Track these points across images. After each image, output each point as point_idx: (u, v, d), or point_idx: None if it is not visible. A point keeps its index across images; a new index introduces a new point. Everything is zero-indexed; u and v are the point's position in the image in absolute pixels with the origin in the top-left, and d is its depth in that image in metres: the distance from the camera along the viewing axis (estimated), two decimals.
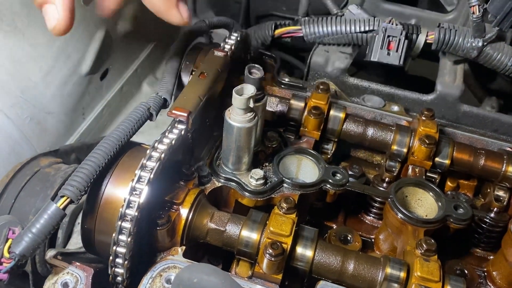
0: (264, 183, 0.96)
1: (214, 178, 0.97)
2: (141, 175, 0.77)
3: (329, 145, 1.18)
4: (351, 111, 1.21)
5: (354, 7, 1.27)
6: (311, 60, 1.30)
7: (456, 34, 1.19)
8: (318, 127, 1.12)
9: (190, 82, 0.94)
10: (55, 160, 1.21)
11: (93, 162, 0.78)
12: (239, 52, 1.17)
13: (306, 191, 0.99)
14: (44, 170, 1.15)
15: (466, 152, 1.12)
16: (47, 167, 1.17)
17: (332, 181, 0.99)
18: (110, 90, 1.57)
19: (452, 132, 1.21)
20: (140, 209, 0.75)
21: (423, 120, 1.11)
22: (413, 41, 1.20)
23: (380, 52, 1.13)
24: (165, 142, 0.83)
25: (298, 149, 1.07)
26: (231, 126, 0.89)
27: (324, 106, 1.13)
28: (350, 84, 1.29)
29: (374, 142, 1.15)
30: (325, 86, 1.17)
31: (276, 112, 1.19)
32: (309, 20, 1.28)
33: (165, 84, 1.02)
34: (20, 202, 1.08)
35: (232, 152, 0.94)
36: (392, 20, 1.15)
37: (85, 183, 0.76)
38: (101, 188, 0.82)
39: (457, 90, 1.24)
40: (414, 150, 1.09)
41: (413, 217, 0.95)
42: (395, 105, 1.25)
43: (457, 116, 1.26)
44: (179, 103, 0.87)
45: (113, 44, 1.51)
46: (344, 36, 1.25)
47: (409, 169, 1.10)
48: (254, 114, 0.89)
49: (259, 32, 1.36)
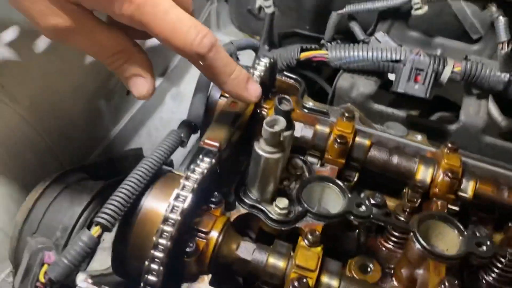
0: (288, 213, 0.98)
1: (239, 204, 0.99)
2: (174, 204, 0.79)
3: (353, 172, 1.19)
4: (376, 139, 1.22)
5: (381, 34, 1.28)
6: (336, 85, 1.31)
7: (482, 68, 1.19)
8: (342, 155, 1.14)
9: (221, 111, 0.95)
10: (82, 176, 1.24)
11: (127, 190, 0.80)
12: (266, 78, 1.18)
13: (330, 222, 1.00)
14: (72, 186, 1.18)
15: (489, 186, 1.12)
16: (74, 184, 1.20)
17: (356, 212, 1.00)
18: (135, 104, 1.60)
19: (476, 164, 1.21)
20: (173, 239, 0.77)
21: (447, 153, 1.12)
22: (439, 73, 1.21)
23: (407, 84, 1.14)
24: (197, 171, 0.85)
25: (322, 177, 1.08)
26: (259, 156, 0.91)
27: (349, 135, 1.14)
28: (374, 111, 1.30)
29: (398, 172, 1.16)
30: (350, 114, 1.18)
31: (301, 137, 1.20)
32: (335, 45, 1.29)
33: (195, 108, 1.04)
34: (48, 218, 1.11)
35: (258, 180, 0.96)
36: (420, 52, 1.16)
37: (119, 211, 0.78)
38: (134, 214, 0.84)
39: (481, 121, 1.24)
40: (437, 183, 1.10)
41: (435, 253, 0.96)
42: (418, 134, 1.26)
43: (480, 147, 1.27)
44: (211, 133, 0.89)
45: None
46: (371, 63, 1.26)
47: (432, 202, 1.11)
48: (282, 146, 0.91)
49: (284, 54, 1.38)
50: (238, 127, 0.96)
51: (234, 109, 0.97)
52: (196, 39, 0.72)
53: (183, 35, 0.71)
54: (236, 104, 0.98)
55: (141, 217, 0.83)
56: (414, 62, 1.14)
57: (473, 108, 1.24)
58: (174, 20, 0.70)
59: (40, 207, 1.11)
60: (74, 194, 1.16)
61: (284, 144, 0.92)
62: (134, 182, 0.82)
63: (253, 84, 0.88)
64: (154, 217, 0.82)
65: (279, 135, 0.88)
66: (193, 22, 0.73)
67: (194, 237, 0.86)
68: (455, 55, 1.29)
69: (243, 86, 0.85)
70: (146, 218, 0.83)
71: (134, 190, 0.81)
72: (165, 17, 0.69)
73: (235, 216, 0.98)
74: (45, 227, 1.10)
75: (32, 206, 1.11)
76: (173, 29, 0.70)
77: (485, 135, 1.25)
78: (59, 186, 1.16)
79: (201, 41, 0.72)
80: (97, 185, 1.22)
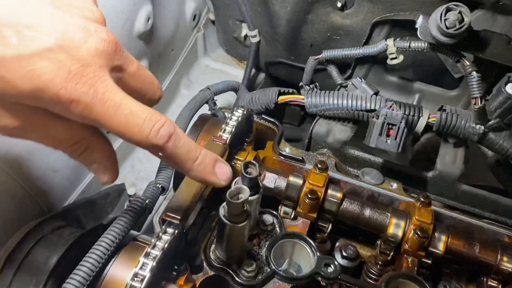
0: (255, 275, 0.99)
1: (207, 266, 1.00)
2: (132, 285, 0.80)
3: (326, 222, 1.20)
4: (350, 187, 1.22)
5: (358, 80, 1.28)
6: (312, 131, 1.31)
7: (458, 119, 1.19)
8: (314, 209, 1.14)
9: (187, 177, 0.96)
10: (58, 225, 1.25)
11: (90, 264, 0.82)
12: (242, 128, 1.19)
13: (297, 283, 1.01)
14: (47, 237, 1.20)
15: (460, 241, 1.12)
16: (50, 234, 1.21)
17: (324, 274, 1.01)
18: (117, 139, 1.60)
19: (449, 215, 1.21)
20: None
21: (419, 207, 1.12)
22: (414, 123, 1.20)
23: (379, 139, 1.14)
24: (159, 245, 0.86)
25: (293, 234, 1.09)
26: (224, 224, 0.91)
27: (321, 189, 1.14)
28: (350, 156, 1.30)
29: (370, 225, 1.16)
30: (323, 165, 1.18)
31: (274, 188, 1.20)
32: (312, 92, 1.29)
33: (164, 170, 1.04)
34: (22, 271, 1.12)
35: (224, 245, 0.96)
36: (393, 106, 1.16)
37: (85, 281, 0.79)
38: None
39: (457, 170, 1.24)
40: (408, 239, 1.10)
41: None
42: (394, 182, 1.25)
43: (456, 194, 1.27)
44: (174, 204, 0.90)
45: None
46: (345, 111, 1.26)
47: (402, 259, 1.11)
48: (247, 213, 0.91)
49: (263, 97, 1.38)
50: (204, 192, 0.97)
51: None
52: (152, 131, 0.69)
53: (137, 128, 0.68)
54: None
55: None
56: (387, 116, 1.13)
57: (449, 157, 1.24)
58: (126, 114, 0.67)
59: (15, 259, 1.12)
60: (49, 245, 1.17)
61: (249, 211, 0.92)
62: (94, 258, 0.83)
63: (222, 167, 0.85)
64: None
65: (243, 205, 0.89)
66: (148, 112, 0.69)
67: None
68: (433, 100, 1.29)
69: (209, 170, 0.83)
70: None
71: (95, 265, 0.82)
72: (117, 112, 0.66)
73: (202, 278, 0.99)
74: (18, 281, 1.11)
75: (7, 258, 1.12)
76: (126, 124, 0.67)
77: (461, 184, 1.25)
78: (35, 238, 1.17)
79: (158, 132, 0.70)
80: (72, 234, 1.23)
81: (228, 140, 1.07)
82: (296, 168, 1.25)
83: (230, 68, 2.09)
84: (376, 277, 1.16)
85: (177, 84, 1.93)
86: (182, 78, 1.95)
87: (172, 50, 1.80)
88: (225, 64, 2.10)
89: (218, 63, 2.09)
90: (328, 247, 1.22)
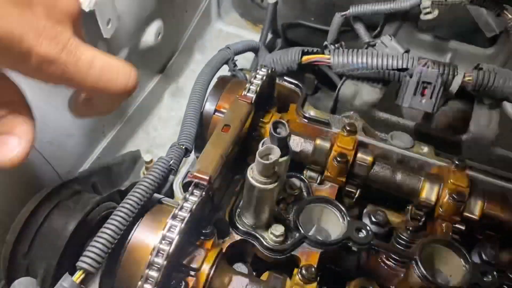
0: (284, 240, 0.94)
1: (233, 230, 0.95)
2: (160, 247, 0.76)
3: (354, 188, 1.14)
4: (379, 152, 1.16)
5: (387, 38, 1.20)
6: (339, 93, 1.24)
7: (496, 77, 1.11)
8: (343, 173, 1.08)
9: (213, 138, 0.90)
10: (75, 190, 1.20)
11: (112, 230, 0.77)
12: (265, 89, 1.12)
13: (328, 249, 0.96)
14: (64, 202, 1.15)
15: (497, 206, 1.07)
16: (67, 199, 1.17)
17: (356, 239, 0.96)
18: (131, 105, 1.54)
19: (484, 180, 1.15)
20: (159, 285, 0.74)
21: (453, 171, 1.06)
22: (449, 82, 1.13)
23: (413, 98, 1.07)
24: (186, 207, 0.81)
25: (321, 199, 1.03)
26: (253, 186, 0.86)
27: (351, 152, 1.08)
28: (379, 119, 1.23)
29: (401, 190, 1.10)
30: (352, 128, 1.12)
31: (300, 152, 1.14)
32: (338, 51, 1.22)
33: (186, 130, 0.99)
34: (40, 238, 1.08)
35: (252, 209, 0.91)
36: (428, 63, 1.08)
37: (103, 254, 0.75)
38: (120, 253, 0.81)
39: (492, 133, 1.17)
40: (442, 204, 1.04)
41: (437, 284, 0.92)
42: (425, 146, 1.19)
43: (489, 158, 1.20)
44: (201, 164, 0.84)
45: (135, 59, 1.48)
46: (375, 71, 1.18)
47: (436, 223, 1.06)
48: (277, 175, 0.86)
49: (285, 58, 1.31)
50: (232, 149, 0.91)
51: (226, 134, 0.91)
52: (130, 80, 0.64)
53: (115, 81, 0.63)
54: (228, 128, 0.92)
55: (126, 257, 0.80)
56: (421, 74, 1.06)
57: (484, 119, 1.17)
58: (100, 67, 0.62)
59: (32, 227, 1.08)
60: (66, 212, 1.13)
61: (279, 173, 0.87)
62: (118, 220, 0.78)
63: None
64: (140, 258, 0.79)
65: (273, 166, 0.83)
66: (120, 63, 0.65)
67: (183, 275, 0.82)
68: (467, 59, 1.21)
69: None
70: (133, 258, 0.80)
71: (118, 230, 0.78)
72: (90, 69, 0.60)
73: (229, 243, 0.94)
74: (37, 247, 1.07)
75: (23, 225, 1.08)
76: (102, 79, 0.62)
77: (496, 147, 1.18)
78: (51, 204, 1.12)
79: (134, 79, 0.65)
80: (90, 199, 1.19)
81: (254, 99, 1.01)
82: (322, 131, 1.19)
83: (245, 32, 2.01)
84: (406, 244, 1.11)
85: (190, 48, 1.86)
86: (195, 42, 1.88)
87: (186, 11, 1.72)
88: (239, 28, 2.02)
89: (232, 27, 2.01)
90: (355, 212, 1.17)
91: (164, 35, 1.53)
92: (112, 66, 0.64)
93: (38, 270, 1.04)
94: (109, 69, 0.63)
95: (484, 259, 1.05)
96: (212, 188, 0.85)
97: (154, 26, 1.48)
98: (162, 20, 1.52)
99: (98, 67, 0.62)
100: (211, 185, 0.84)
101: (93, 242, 0.76)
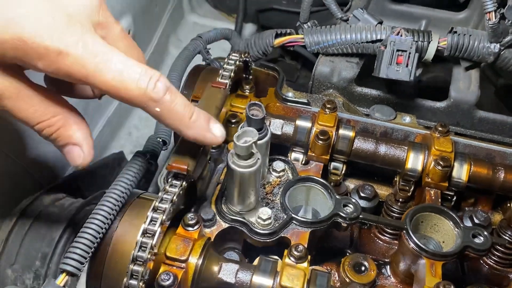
0: (272, 223, 0.93)
1: (220, 219, 0.94)
2: (143, 241, 0.74)
3: (340, 164, 1.13)
4: (361, 126, 1.15)
5: (360, 11, 1.19)
6: (315, 71, 1.23)
7: (470, 39, 1.10)
8: (326, 151, 1.07)
9: None
10: (57, 197, 1.18)
11: (92, 229, 0.75)
12: (239, 73, 1.10)
13: (317, 227, 0.95)
14: (48, 209, 1.13)
15: (484, 168, 1.06)
16: (50, 206, 1.15)
17: (344, 214, 0.95)
18: (110, 106, 1.52)
19: (468, 144, 1.14)
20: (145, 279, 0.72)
21: (437, 137, 1.05)
22: (424, 49, 1.12)
23: (389, 68, 1.06)
24: (166, 198, 0.79)
25: (306, 178, 1.02)
26: (233, 171, 0.84)
27: (332, 129, 1.07)
28: (358, 94, 1.22)
29: (386, 162, 1.09)
30: (332, 105, 1.10)
31: (282, 134, 1.13)
32: (311, 28, 1.20)
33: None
34: (26, 247, 1.07)
35: (236, 194, 0.90)
36: (401, 31, 1.07)
37: (85, 254, 0.73)
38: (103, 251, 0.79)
39: (473, 96, 1.17)
40: (429, 172, 1.04)
41: (430, 251, 0.91)
42: (406, 116, 1.18)
43: (472, 122, 1.20)
44: (178, 155, 0.83)
45: None
46: (350, 45, 1.17)
47: (425, 191, 1.05)
48: (257, 157, 0.84)
49: (259, 41, 1.29)
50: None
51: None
52: (149, 85, 0.63)
53: (134, 83, 0.62)
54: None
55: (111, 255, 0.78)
56: (395, 43, 1.05)
57: (463, 83, 1.16)
58: (120, 68, 0.61)
59: (16, 237, 1.06)
60: (50, 218, 1.11)
61: (259, 156, 0.85)
62: (98, 219, 0.76)
63: (216, 123, 0.77)
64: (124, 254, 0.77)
65: (252, 148, 0.82)
66: (142, 66, 0.63)
67: (171, 266, 0.81)
68: (441, 25, 1.20)
69: (206, 127, 0.75)
70: (117, 255, 0.78)
71: (99, 228, 0.76)
72: (110, 67, 0.60)
73: (216, 232, 0.93)
74: (23, 257, 1.06)
75: (7, 237, 1.06)
76: (121, 79, 0.61)
77: (478, 110, 1.18)
78: (34, 212, 1.11)
79: (155, 86, 0.63)
80: (74, 204, 1.17)
81: (228, 85, 0.99)
82: (302, 112, 1.18)
83: (220, 23, 1.99)
84: (396, 215, 1.11)
85: (165, 44, 1.83)
86: (170, 37, 1.85)
87: (156, 5, 1.69)
88: (214, 19, 2.00)
89: (207, 19, 1.99)
90: (343, 190, 1.16)
91: (135, 31, 1.51)
92: (133, 66, 0.65)
93: (25, 280, 1.02)
94: (131, 68, 0.65)
95: (476, 222, 1.04)
96: (191, 176, 0.84)
97: (123, 23, 1.45)
98: (132, 16, 1.50)
99: (118, 64, 0.63)
100: (190, 174, 0.82)
101: (74, 243, 0.74)
